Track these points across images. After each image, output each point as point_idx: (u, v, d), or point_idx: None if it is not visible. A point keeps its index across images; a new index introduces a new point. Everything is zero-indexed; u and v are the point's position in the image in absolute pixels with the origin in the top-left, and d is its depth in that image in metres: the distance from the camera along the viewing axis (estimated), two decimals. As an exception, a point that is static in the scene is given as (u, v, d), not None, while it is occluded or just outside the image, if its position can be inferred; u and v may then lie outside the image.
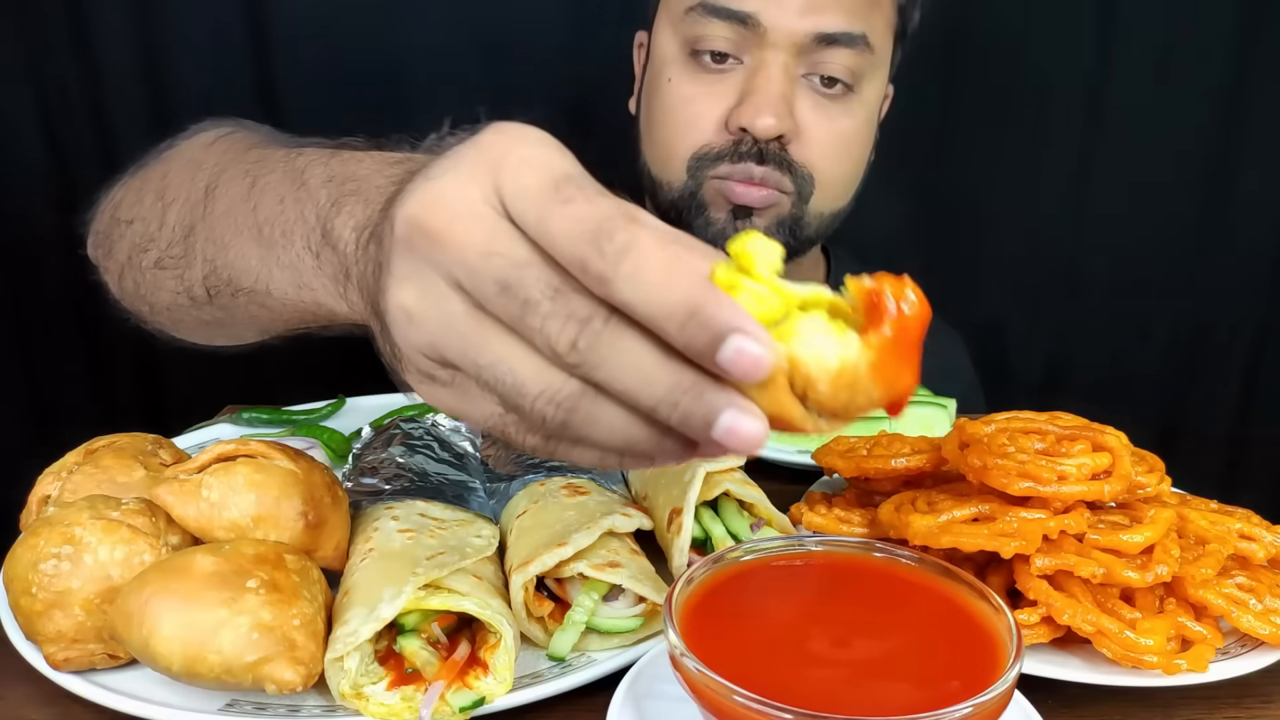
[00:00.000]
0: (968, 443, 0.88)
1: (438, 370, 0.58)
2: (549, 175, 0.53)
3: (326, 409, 1.29)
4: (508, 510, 0.95)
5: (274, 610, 0.72)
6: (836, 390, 0.52)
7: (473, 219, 0.54)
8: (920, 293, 0.53)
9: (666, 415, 0.52)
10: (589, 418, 0.54)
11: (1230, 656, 0.81)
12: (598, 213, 0.51)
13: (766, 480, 0.99)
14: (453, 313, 0.55)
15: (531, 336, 0.53)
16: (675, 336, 0.50)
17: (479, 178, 0.54)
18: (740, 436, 0.51)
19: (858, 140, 1.42)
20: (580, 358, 0.52)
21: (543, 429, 0.56)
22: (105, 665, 0.78)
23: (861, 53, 1.34)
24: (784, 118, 1.33)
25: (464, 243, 0.53)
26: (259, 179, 0.83)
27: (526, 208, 0.53)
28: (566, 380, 0.53)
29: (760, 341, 0.50)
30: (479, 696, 0.75)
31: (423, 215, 0.55)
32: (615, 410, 0.54)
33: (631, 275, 0.50)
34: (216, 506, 0.78)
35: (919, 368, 0.54)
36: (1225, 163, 2.08)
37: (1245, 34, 1.99)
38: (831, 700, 0.61)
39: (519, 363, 0.54)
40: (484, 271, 0.53)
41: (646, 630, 0.84)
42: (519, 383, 0.54)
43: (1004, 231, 2.15)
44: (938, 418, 1.22)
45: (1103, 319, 2.20)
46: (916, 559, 0.74)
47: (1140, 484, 0.89)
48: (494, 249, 0.53)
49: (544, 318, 0.52)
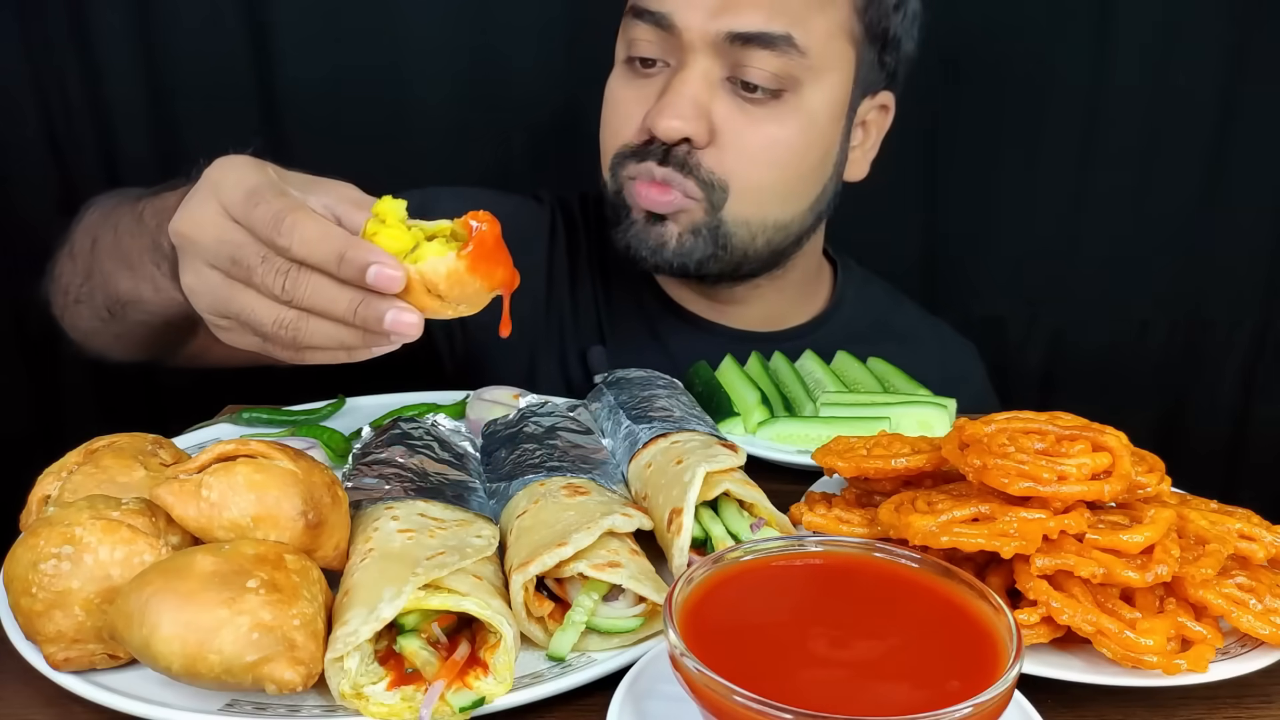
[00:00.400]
0: (968, 443, 0.88)
1: (221, 320, 0.90)
2: (245, 188, 0.86)
3: (326, 409, 1.29)
4: (508, 510, 0.95)
5: (274, 610, 0.72)
6: (451, 286, 0.81)
7: (208, 223, 0.87)
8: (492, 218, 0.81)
9: (353, 320, 0.82)
10: (309, 332, 0.84)
11: (1230, 656, 0.81)
12: (274, 208, 0.84)
13: (766, 480, 1.00)
14: (213, 282, 0.88)
15: (259, 287, 0.85)
16: (338, 273, 0.82)
17: (208, 196, 0.88)
18: (401, 324, 0.82)
19: (790, 148, 1.36)
20: (289, 295, 0.83)
21: (283, 345, 0.87)
22: (105, 665, 0.78)
23: (785, 54, 1.30)
24: (691, 120, 1.30)
25: (205, 238, 0.87)
26: (118, 225, 1.19)
27: (236, 211, 0.86)
28: (286, 310, 0.85)
29: (390, 266, 0.80)
30: (479, 696, 0.75)
31: (181, 224, 0.89)
32: (323, 323, 0.84)
33: (300, 242, 0.82)
34: (216, 506, 0.78)
35: (510, 268, 0.83)
36: (1225, 162, 2.08)
37: (1244, 33, 1.99)
38: (831, 700, 0.61)
39: (256, 306, 0.86)
40: (220, 253, 0.86)
41: (646, 630, 0.84)
42: (259, 319, 0.86)
43: (1004, 231, 2.15)
44: (938, 418, 1.22)
45: (1102, 318, 2.20)
46: (916, 559, 0.74)
47: (1140, 484, 0.89)
48: (222, 238, 0.86)
49: (261, 274, 0.84)
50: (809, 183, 1.41)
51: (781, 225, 1.40)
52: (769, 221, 1.39)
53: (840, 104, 1.39)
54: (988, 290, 2.19)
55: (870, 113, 1.47)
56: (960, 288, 2.19)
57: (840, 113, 1.40)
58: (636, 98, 1.37)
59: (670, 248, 1.38)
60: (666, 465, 0.97)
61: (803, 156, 1.37)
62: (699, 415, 1.11)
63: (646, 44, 1.35)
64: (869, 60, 1.40)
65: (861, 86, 1.42)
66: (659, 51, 1.35)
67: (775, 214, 1.39)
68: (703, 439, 1.02)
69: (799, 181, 1.40)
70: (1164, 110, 2.05)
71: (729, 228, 1.36)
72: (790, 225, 1.42)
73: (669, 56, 1.34)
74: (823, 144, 1.39)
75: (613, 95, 1.41)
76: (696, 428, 1.05)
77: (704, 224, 1.36)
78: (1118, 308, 2.19)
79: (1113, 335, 2.21)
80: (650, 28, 1.33)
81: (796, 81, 1.32)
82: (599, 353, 1.54)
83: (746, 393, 1.29)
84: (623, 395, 1.15)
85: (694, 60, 1.31)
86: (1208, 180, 2.10)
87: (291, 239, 0.82)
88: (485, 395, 1.22)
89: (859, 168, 1.50)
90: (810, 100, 1.34)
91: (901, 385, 1.36)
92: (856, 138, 1.47)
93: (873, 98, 1.45)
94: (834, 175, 1.45)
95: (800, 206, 1.41)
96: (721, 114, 1.32)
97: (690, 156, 1.33)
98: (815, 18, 1.31)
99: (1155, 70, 2.02)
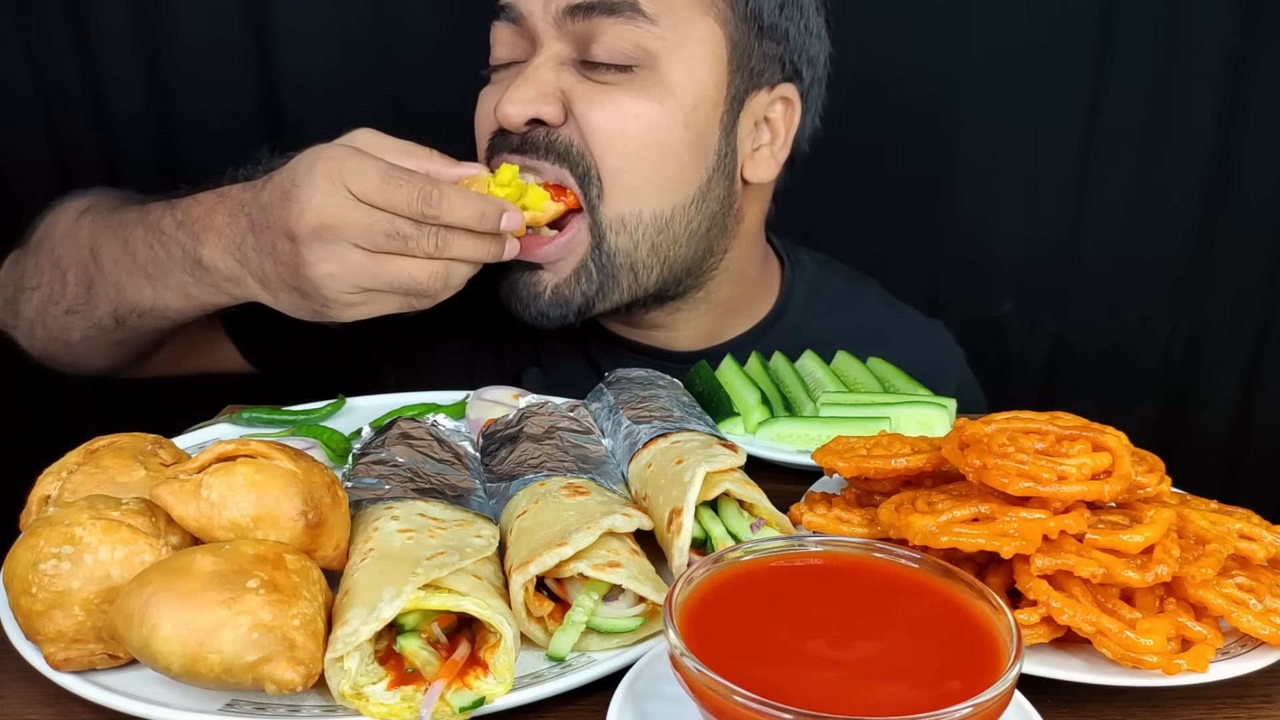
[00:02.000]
0: (968, 443, 0.88)
1: (354, 296, 1.11)
2: (375, 174, 1.06)
3: (326, 409, 1.29)
4: (508, 510, 0.95)
5: (274, 610, 0.72)
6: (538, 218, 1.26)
7: (346, 210, 1.06)
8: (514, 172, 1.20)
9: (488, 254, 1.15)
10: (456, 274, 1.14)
11: (1230, 656, 0.81)
12: (416, 186, 1.07)
13: (766, 480, 1.00)
14: (358, 261, 1.08)
15: (413, 251, 1.09)
16: (480, 225, 1.12)
17: (334, 186, 1.06)
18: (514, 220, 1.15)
19: (649, 121, 1.26)
20: (441, 251, 1.10)
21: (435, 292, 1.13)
22: (105, 665, 0.78)
23: (632, 22, 1.23)
24: (534, 102, 1.24)
25: (349, 223, 1.07)
26: (128, 237, 1.23)
27: (374, 195, 1.06)
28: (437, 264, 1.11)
29: (515, 211, 1.16)
30: (479, 696, 0.75)
31: (320, 219, 1.06)
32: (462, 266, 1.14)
33: (449, 208, 1.09)
34: (216, 506, 0.78)
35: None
36: (1225, 162, 2.08)
37: (1245, 33, 1.99)
38: (831, 700, 0.61)
39: (412, 268, 1.11)
40: (372, 231, 1.07)
41: (646, 630, 0.84)
42: (415, 277, 1.11)
43: (1004, 231, 2.15)
44: (938, 418, 1.22)
45: (1103, 319, 2.20)
46: (916, 559, 0.74)
47: (1140, 484, 0.89)
48: (371, 220, 1.07)
49: (417, 239, 1.09)
50: (681, 167, 1.30)
51: (661, 220, 1.30)
52: (646, 215, 1.29)
53: (709, 84, 1.29)
54: (988, 291, 2.19)
55: (773, 107, 1.38)
56: (960, 288, 2.19)
57: (715, 96, 1.30)
58: (493, 93, 1.33)
59: (545, 298, 1.32)
60: (666, 465, 0.97)
61: (665, 133, 1.27)
62: (699, 415, 1.11)
63: (504, 46, 1.32)
64: (744, 44, 1.31)
65: (743, 73, 1.32)
66: (515, 51, 1.32)
67: (651, 204, 1.29)
68: (703, 439, 1.02)
69: (667, 162, 1.29)
70: (1164, 110, 2.05)
71: (608, 238, 1.29)
72: (672, 222, 1.31)
73: (524, 55, 1.30)
74: (693, 125, 1.29)
75: (478, 107, 1.37)
76: (696, 428, 1.05)
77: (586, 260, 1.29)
78: (1118, 308, 2.19)
79: (1113, 335, 2.21)
80: (505, 25, 1.31)
81: (651, 55, 1.25)
82: (534, 374, 1.50)
83: (746, 393, 1.29)
84: (623, 395, 1.15)
85: (543, 46, 1.27)
86: (1208, 180, 2.10)
87: (441, 208, 1.08)
88: (485, 395, 1.22)
89: (767, 167, 1.40)
90: (669, 75, 1.27)
91: (901, 385, 1.36)
92: (763, 136, 1.38)
93: (770, 90, 1.36)
94: (720, 169, 1.34)
95: (678, 198, 1.31)
96: (574, 92, 1.26)
97: (550, 136, 1.27)
98: None
99: (1156, 71, 2.02)
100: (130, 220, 1.25)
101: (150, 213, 1.23)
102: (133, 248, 1.23)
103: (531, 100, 1.25)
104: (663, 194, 1.30)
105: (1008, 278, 2.19)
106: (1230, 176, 2.09)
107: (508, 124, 1.27)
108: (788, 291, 1.54)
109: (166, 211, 1.21)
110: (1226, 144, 2.07)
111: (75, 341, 1.35)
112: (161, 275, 1.21)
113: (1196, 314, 2.19)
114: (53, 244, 1.33)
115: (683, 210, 1.32)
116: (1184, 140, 2.06)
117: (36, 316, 1.36)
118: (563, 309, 1.32)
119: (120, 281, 1.24)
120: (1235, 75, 2.02)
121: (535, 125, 1.27)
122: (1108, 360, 2.22)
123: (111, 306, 1.27)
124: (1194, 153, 2.08)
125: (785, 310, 1.54)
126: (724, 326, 1.51)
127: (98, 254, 1.27)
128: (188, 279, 1.19)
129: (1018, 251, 2.17)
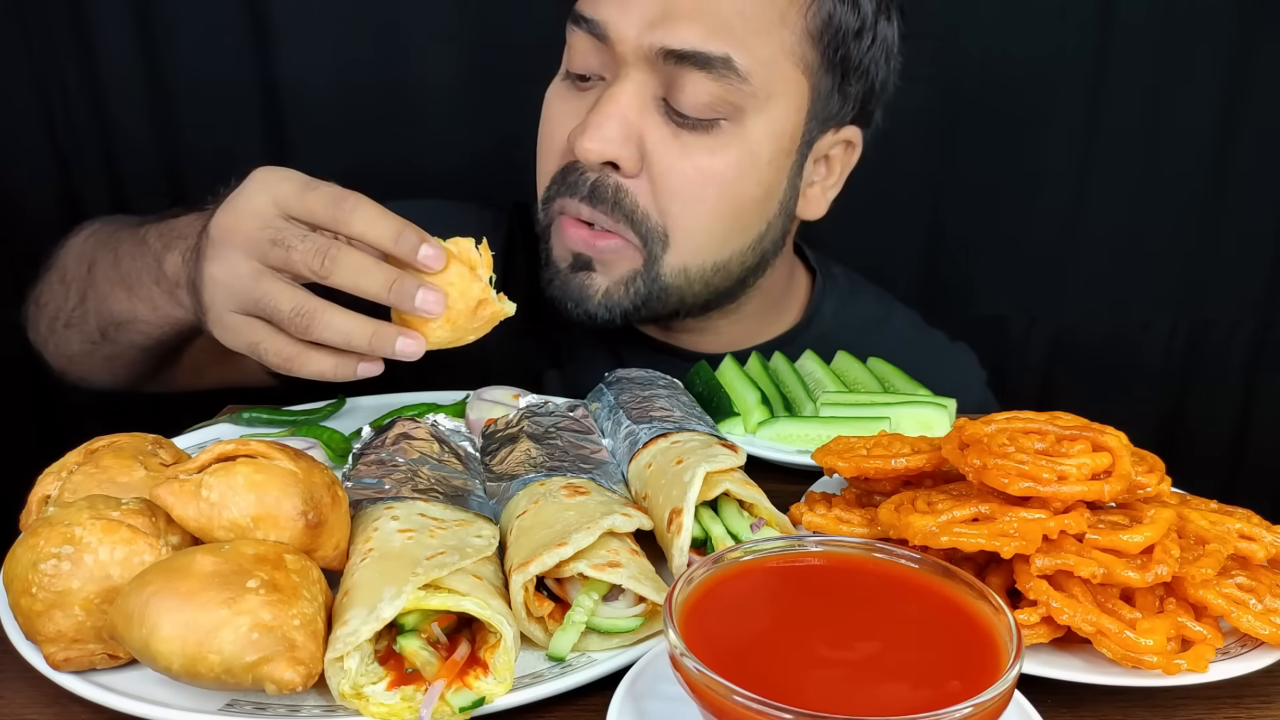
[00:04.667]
0: (968, 443, 0.88)
1: (230, 316, 0.97)
2: (300, 181, 0.96)
3: (326, 409, 1.29)
4: (508, 510, 0.95)
5: (274, 610, 0.72)
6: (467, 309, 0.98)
7: (254, 213, 0.95)
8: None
9: (386, 296, 0.93)
10: (323, 322, 0.93)
11: (1230, 656, 0.81)
12: (334, 192, 0.94)
13: (766, 480, 1.00)
14: (240, 271, 0.95)
15: (294, 269, 0.93)
16: (392, 248, 0.93)
17: (257, 191, 0.96)
18: (430, 301, 0.93)
19: (725, 182, 1.25)
20: (327, 270, 0.92)
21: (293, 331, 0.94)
22: (105, 665, 0.78)
23: (723, 79, 1.19)
24: (615, 143, 1.20)
25: (249, 226, 0.95)
26: (118, 250, 1.24)
27: (290, 200, 0.94)
28: (309, 299, 0.93)
29: (435, 246, 0.94)
30: (479, 696, 0.75)
31: (224, 219, 0.97)
32: (342, 315, 0.93)
33: (361, 219, 0.93)
34: (216, 506, 0.78)
35: None
36: (1226, 163, 2.08)
37: (1245, 33, 1.99)
38: (831, 700, 0.61)
39: (280, 292, 0.94)
40: (261, 238, 0.94)
41: (646, 630, 0.84)
42: (278, 304, 0.93)
43: (1004, 232, 2.15)
44: (938, 418, 1.22)
45: (1102, 318, 2.20)
46: (916, 559, 0.74)
47: (1140, 484, 0.89)
48: (268, 224, 0.94)
49: (301, 252, 0.92)
50: (749, 219, 1.31)
51: (720, 266, 1.32)
52: (708, 265, 1.31)
53: (789, 136, 1.28)
54: (988, 290, 2.19)
55: (834, 148, 1.37)
56: (960, 288, 2.19)
57: (789, 146, 1.29)
58: (570, 111, 1.28)
59: (595, 300, 1.31)
60: (667, 465, 0.97)
61: (740, 192, 1.27)
62: (699, 415, 1.11)
63: (583, 55, 1.27)
64: (825, 90, 1.29)
65: (819, 119, 1.31)
66: (596, 65, 1.27)
67: (714, 257, 1.31)
68: (703, 439, 1.02)
69: (737, 219, 1.29)
70: (1164, 111, 2.05)
71: (665, 280, 1.29)
72: (729, 265, 1.33)
73: (605, 71, 1.26)
74: (766, 179, 1.29)
75: (548, 109, 1.33)
76: (697, 428, 1.05)
77: (639, 274, 1.29)
78: (1118, 308, 2.19)
79: (1113, 335, 2.21)
80: (587, 37, 1.25)
81: (737, 109, 1.22)
82: (553, 377, 1.49)
83: (746, 393, 1.29)
84: (623, 395, 1.15)
85: (627, 75, 1.22)
86: (1208, 180, 2.10)
87: (353, 215, 0.93)
88: (485, 395, 1.22)
89: (817, 206, 1.41)
90: (752, 131, 1.24)
91: (901, 385, 1.36)
92: (818, 174, 1.39)
93: (836, 132, 1.35)
94: (780, 213, 1.35)
95: (739, 246, 1.32)
96: (652, 139, 1.23)
97: (619, 192, 1.24)
98: (760, 40, 1.21)
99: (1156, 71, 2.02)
100: (124, 235, 1.26)
101: (142, 226, 1.24)
102: (119, 259, 1.23)
103: (613, 141, 1.21)
104: (726, 245, 1.31)
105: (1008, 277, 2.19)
106: (1230, 176, 2.09)
107: (585, 161, 1.24)
108: (817, 302, 1.55)
109: (154, 225, 1.22)
110: (1226, 144, 2.06)
111: (75, 355, 1.37)
112: (137, 285, 1.19)
113: (1196, 314, 2.19)
114: (64, 261, 1.37)
115: (740, 254, 1.34)
116: (1184, 140, 2.06)
117: (48, 332, 1.39)
118: (610, 313, 1.33)
119: (105, 292, 1.25)
120: (1235, 75, 2.02)
121: (607, 168, 1.25)
122: (1108, 360, 2.22)
123: (97, 319, 1.28)
124: (1194, 153, 2.07)
125: (813, 320, 1.55)
126: (751, 334, 1.51)
127: (92, 266, 1.28)
128: (155, 288, 1.17)
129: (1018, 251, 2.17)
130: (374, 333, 0.93)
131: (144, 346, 1.27)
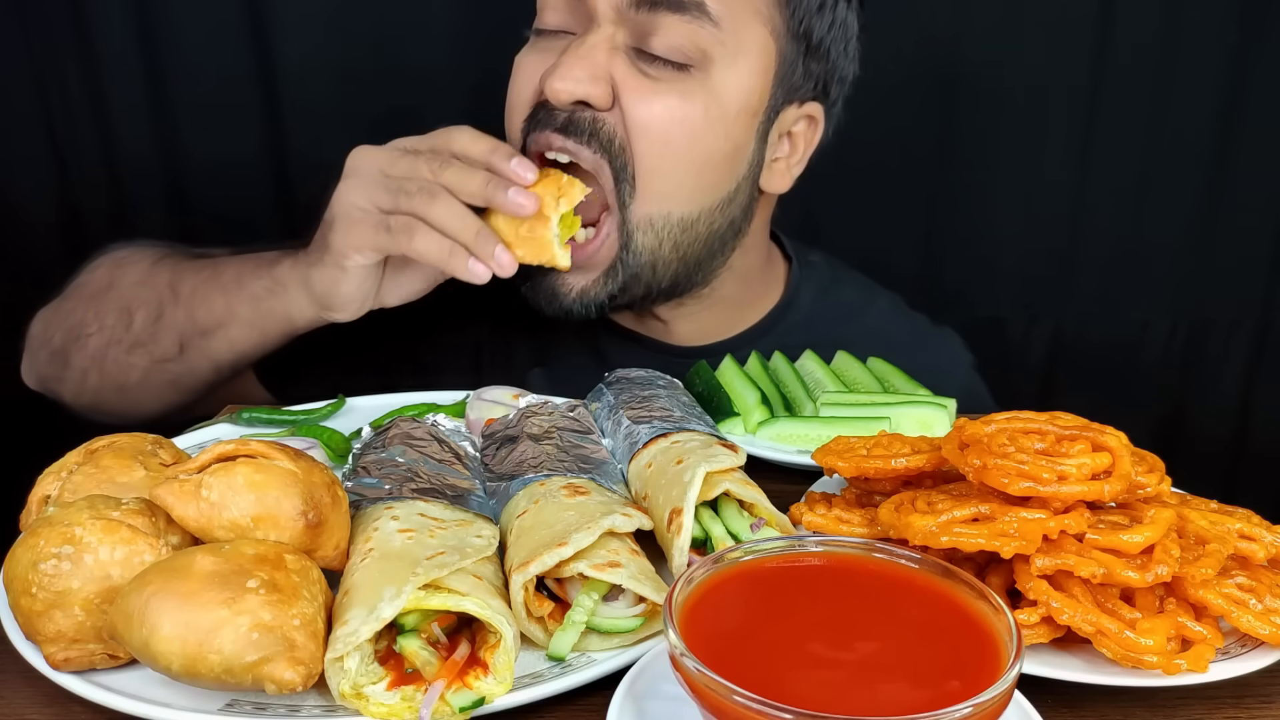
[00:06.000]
0: (968, 443, 0.88)
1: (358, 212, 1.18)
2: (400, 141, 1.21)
3: (326, 409, 1.29)
4: (508, 510, 0.95)
5: (274, 610, 0.72)
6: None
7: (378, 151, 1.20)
8: None
9: (484, 191, 1.16)
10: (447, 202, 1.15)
11: (1230, 656, 0.81)
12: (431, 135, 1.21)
13: (766, 480, 1.00)
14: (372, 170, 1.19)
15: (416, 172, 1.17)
16: (488, 161, 1.18)
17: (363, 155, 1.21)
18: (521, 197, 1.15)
19: (694, 126, 1.26)
20: (438, 174, 1.16)
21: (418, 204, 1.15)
22: (105, 665, 0.78)
23: (696, 22, 1.22)
24: (585, 81, 1.22)
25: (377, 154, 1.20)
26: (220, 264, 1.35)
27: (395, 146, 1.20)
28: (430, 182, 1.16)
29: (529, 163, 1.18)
30: (479, 696, 0.75)
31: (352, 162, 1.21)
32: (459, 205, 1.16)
33: (460, 143, 1.19)
34: (216, 506, 0.78)
35: None
36: (1226, 163, 2.08)
37: (1244, 34, 1.99)
38: (831, 700, 0.61)
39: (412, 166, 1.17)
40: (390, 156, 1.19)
41: (646, 630, 0.84)
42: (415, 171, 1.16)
43: (1004, 231, 2.15)
44: (938, 418, 1.22)
45: (1102, 319, 2.20)
46: (916, 559, 0.74)
47: (1140, 484, 0.89)
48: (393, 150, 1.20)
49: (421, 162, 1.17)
50: (718, 175, 1.31)
51: (687, 223, 1.32)
52: (674, 218, 1.30)
53: (755, 95, 1.30)
54: (988, 291, 2.19)
55: (798, 123, 1.39)
56: (960, 287, 2.19)
57: (756, 105, 1.31)
58: (539, 61, 1.29)
59: (570, 298, 1.33)
60: (666, 465, 0.97)
61: (709, 145, 1.28)
62: (699, 415, 1.11)
63: (555, 12, 1.29)
64: (790, 59, 1.32)
65: (784, 88, 1.33)
66: (566, 21, 1.29)
67: (680, 208, 1.30)
68: (703, 439, 1.02)
69: (704, 171, 1.30)
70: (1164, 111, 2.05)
71: (636, 237, 1.29)
72: (696, 224, 1.33)
73: (576, 27, 1.28)
74: (733, 135, 1.30)
75: (517, 67, 1.34)
76: (696, 428, 1.05)
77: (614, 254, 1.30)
78: (1118, 308, 2.19)
79: (1113, 335, 2.21)
80: None
81: (706, 56, 1.24)
82: (537, 375, 1.50)
83: (746, 393, 1.29)
84: (623, 395, 1.15)
85: (599, 27, 1.25)
86: (1208, 180, 2.10)
87: (452, 140, 1.19)
88: (485, 395, 1.22)
89: (781, 180, 1.42)
90: (720, 81, 1.26)
91: (901, 385, 1.36)
92: (782, 149, 1.40)
93: (799, 106, 1.37)
94: (747, 178, 1.35)
95: (706, 203, 1.32)
96: (623, 80, 1.24)
97: (596, 122, 1.24)
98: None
99: (1155, 71, 2.02)
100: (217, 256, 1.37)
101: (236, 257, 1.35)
102: (221, 270, 1.33)
103: (583, 80, 1.22)
104: (694, 198, 1.31)
105: (1008, 277, 2.19)
106: (1230, 177, 2.09)
107: (555, 100, 1.24)
108: (794, 290, 1.55)
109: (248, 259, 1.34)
110: (1227, 144, 2.06)
111: (133, 383, 1.38)
112: (238, 286, 1.30)
113: (1196, 314, 2.19)
114: (120, 291, 1.39)
115: (708, 213, 1.33)
116: (1184, 140, 2.06)
117: (92, 363, 1.38)
118: (586, 308, 1.34)
119: (195, 303, 1.32)
120: (1235, 75, 2.02)
121: (580, 107, 1.25)
122: (1108, 360, 2.22)
123: (179, 332, 1.33)
124: (1194, 153, 2.07)
125: (790, 308, 1.55)
126: (727, 323, 1.51)
127: (176, 285, 1.34)
128: (259, 285, 1.28)
129: (1018, 251, 2.17)
130: (479, 230, 1.15)
131: (219, 361, 1.35)
